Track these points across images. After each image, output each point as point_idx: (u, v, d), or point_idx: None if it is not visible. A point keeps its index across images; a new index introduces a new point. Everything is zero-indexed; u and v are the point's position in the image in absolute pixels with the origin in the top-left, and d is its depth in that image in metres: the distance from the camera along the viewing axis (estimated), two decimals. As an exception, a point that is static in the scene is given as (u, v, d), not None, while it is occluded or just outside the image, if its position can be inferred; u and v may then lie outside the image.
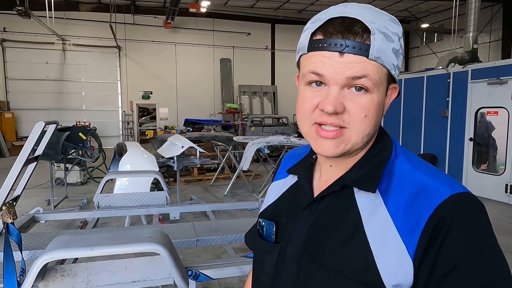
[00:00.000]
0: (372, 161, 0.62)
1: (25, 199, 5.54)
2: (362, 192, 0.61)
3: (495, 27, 14.79)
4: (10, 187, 1.84)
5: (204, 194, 6.61)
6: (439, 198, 0.54)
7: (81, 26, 14.84)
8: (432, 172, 0.59)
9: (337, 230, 0.61)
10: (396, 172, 0.60)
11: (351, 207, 0.61)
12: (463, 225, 0.53)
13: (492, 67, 6.08)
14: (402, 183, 0.58)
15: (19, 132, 14.12)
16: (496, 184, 6.04)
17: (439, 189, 0.55)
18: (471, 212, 0.54)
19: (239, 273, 1.78)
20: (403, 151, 0.65)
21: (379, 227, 0.57)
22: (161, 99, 16.23)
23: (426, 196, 0.55)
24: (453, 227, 0.53)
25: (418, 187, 0.57)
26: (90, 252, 1.29)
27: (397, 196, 0.58)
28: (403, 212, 0.56)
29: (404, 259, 0.54)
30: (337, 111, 0.56)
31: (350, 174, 0.63)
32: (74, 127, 6.74)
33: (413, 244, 0.54)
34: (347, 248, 0.59)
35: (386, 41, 0.56)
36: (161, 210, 2.80)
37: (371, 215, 0.58)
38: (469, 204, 0.55)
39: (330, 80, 0.56)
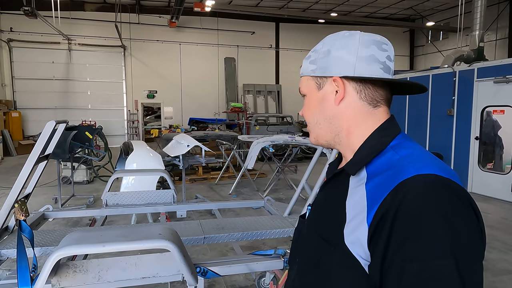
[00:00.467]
0: (367, 150, 0.73)
1: (33, 198, 5.59)
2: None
3: (502, 25, 14.66)
4: (22, 185, 1.88)
5: (209, 193, 6.65)
6: (402, 176, 0.61)
7: (87, 25, 14.93)
8: (417, 158, 0.66)
9: (331, 204, 0.76)
10: (385, 160, 0.69)
11: (344, 187, 0.73)
12: (415, 201, 0.58)
13: (499, 66, 6.04)
14: (385, 167, 0.67)
15: (26, 131, 14.26)
16: (502, 183, 6.01)
17: (406, 170, 0.63)
18: (428, 189, 0.59)
19: (246, 270, 1.81)
20: (401, 143, 0.72)
21: (356, 201, 0.68)
22: (165, 98, 16.29)
23: (394, 175, 0.63)
24: (404, 203, 0.58)
25: (394, 169, 0.65)
26: (102, 249, 1.32)
27: (377, 177, 0.67)
28: (375, 189, 0.65)
29: (362, 224, 0.64)
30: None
31: (350, 161, 0.75)
32: (81, 126, 6.79)
33: (371, 213, 0.62)
34: (332, 219, 0.72)
35: (305, 61, 0.81)
36: (168, 208, 2.83)
37: (354, 193, 0.70)
38: (430, 183, 0.60)
39: None
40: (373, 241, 0.61)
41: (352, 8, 15.97)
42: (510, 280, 3.24)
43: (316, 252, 0.73)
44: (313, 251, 0.74)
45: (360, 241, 0.63)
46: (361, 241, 0.63)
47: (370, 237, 0.62)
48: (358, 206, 0.66)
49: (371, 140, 0.73)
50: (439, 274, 0.54)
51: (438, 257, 0.55)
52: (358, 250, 0.64)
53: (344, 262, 0.65)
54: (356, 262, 0.64)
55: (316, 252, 0.73)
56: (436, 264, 0.54)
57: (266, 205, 2.89)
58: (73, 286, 1.47)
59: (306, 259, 0.77)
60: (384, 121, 0.75)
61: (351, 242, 0.64)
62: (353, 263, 0.64)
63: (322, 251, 0.71)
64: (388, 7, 15.92)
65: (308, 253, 0.77)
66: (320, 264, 0.71)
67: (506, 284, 3.18)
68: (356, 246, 0.64)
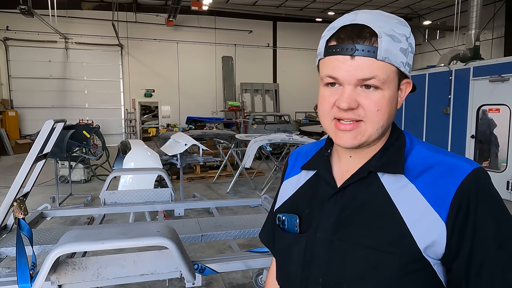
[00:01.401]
0: (390, 150, 0.70)
1: (30, 197, 5.57)
2: (387, 175, 0.68)
3: (498, 24, 14.74)
4: (20, 184, 1.89)
5: (207, 192, 6.67)
6: (463, 172, 0.63)
7: (84, 24, 14.88)
8: (450, 153, 0.69)
9: (369, 211, 0.67)
10: (416, 156, 0.69)
11: (378, 190, 0.67)
12: (488, 197, 0.63)
13: (494, 65, 6.08)
14: (425, 164, 0.67)
15: (23, 130, 14.21)
16: (497, 181, 6.06)
17: (462, 165, 0.64)
18: (489, 183, 0.65)
19: (243, 267, 1.83)
20: (418, 140, 0.74)
21: (410, 202, 0.65)
22: (163, 97, 16.28)
23: (451, 171, 0.64)
24: (480, 196, 0.62)
25: (442, 165, 0.66)
26: (101, 246, 1.34)
27: (423, 175, 0.66)
28: (431, 186, 0.64)
29: (437, 223, 0.62)
30: (351, 107, 0.64)
31: (373, 162, 0.70)
32: (78, 125, 6.80)
33: (445, 210, 0.62)
34: (383, 226, 0.65)
35: (393, 42, 0.63)
36: (166, 206, 2.85)
37: (400, 194, 0.66)
38: (486, 177, 0.65)
39: (344, 81, 0.64)
40: (453, 237, 0.61)
41: (349, 6, 16.00)
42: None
43: (363, 267, 0.65)
44: (359, 266, 0.66)
45: (436, 243, 0.62)
46: (438, 242, 0.62)
47: (449, 234, 0.62)
48: (418, 207, 0.64)
49: (389, 140, 0.72)
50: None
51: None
52: (430, 253, 0.62)
53: (414, 268, 0.63)
54: (427, 263, 0.63)
55: (363, 267, 0.65)
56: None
57: (263, 203, 2.92)
58: (72, 283, 1.49)
59: (345, 277, 0.67)
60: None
61: (426, 246, 0.62)
62: (423, 266, 0.63)
63: (378, 263, 0.64)
64: (385, 6, 15.96)
65: (346, 270, 0.67)
66: (377, 277, 0.64)
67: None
68: (431, 248, 0.62)
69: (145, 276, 1.58)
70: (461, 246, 0.61)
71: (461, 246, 0.61)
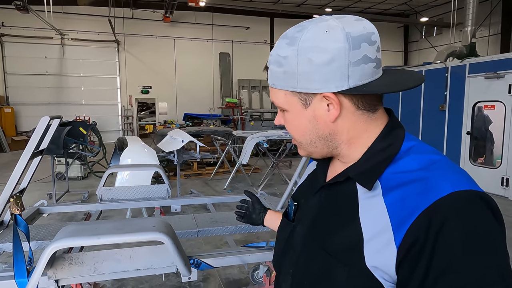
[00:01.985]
0: (378, 156, 0.64)
1: (27, 194, 5.57)
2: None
3: (494, 20, 14.78)
4: (17, 180, 1.90)
5: (204, 188, 6.68)
6: (437, 194, 0.54)
7: (80, 20, 14.79)
8: (442, 168, 0.59)
9: (337, 217, 0.66)
10: (401, 167, 0.62)
11: (352, 197, 0.65)
12: (458, 225, 0.52)
13: (490, 61, 6.12)
14: (405, 178, 0.59)
15: (19, 127, 14.15)
16: (492, 177, 6.12)
17: (440, 185, 0.55)
18: (470, 211, 0.53)
19: (239, 261, 1.85)
20: (416, 145, 0.65)
21: (373, 216, 0.60)
22: (160, 93, 16.24)
23: (424, 190, 0.56)
24: (446, 226, 0.52)
25: (420, 182, 0.57)
26: (97, 241, 1.35)
27: (397, 189, 0.59)
28: (399, 204, 0.58)
29: (390, 246, 0.56)
30: (279, 123, 0.72)
31: (355, 167, 0.66)
32: (75, 121, 6.77)
33: (401, 234, 0.55)
34: (342, 235, 0.63)
35: (276, 68, 0.65)
36: (163, 202, 2.86)
37: (368, 205, 0.62)
38: (470, 203, 0.53)
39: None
40: (404, 267, 0.55)
41: (346, 3, 15.99)
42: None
43: (322, 270, 0.65)
44: (318, 268, 0.66)
45: (386, 265, 0.57)
46: (387, 264, 0.57)
47: (399, 261, 0.55)
48: (379, 223, 0.59)
49: (379, 144, 0.65)
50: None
51: (490, 284, 0.50)
52: (381, 273, 0.58)
53: (364, 283, 0.59)
54: (378, 282, 0.58)
55: (322, 270, 0.65)
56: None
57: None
58: (69, 278, 1.51)
59: (306, 274, 0.69)
60: (386, 119, 0.68)
61: (373, 265, 0.58)
62: (374, 284, 0.58)
63: (331, 269, 0.63)
64: (383, 3, 15.96)
65: (309, 268, 0.68)
66: (330, 282, 0.63)
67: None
68: (380, 270, 0.58)
69: (141, 271, 1.59)
70: (411, 279, 0.54)
71: (411, 279, 0.54)
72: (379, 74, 0.63)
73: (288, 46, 0.63)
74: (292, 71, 0.62)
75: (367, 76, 0.61)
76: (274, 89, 0.67)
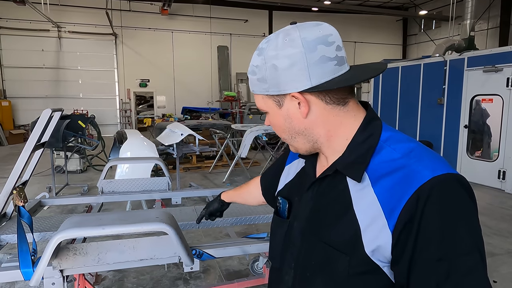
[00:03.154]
0: (360, 148, 0.70)
1: (27, 187, 5.61)
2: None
3: (493, 14, 14.75)
4: (19, 172, 1.91)
5: (203, 181, 6.71)
6: (420, 180, 0.61)
7: (77, 13, 14.66)
8: (419, 155, 0.66)
9: (332, 209, 0.71)
10: (383, 157, 0.68)
11: (343, 189, 0.70)
12: (437, 205, 0.59)
13: (488, 55, 6.13)
14: (390, 168, 0.66)
15: (17, 120, 14.10)
16: (489, 170, 6.17)
17: (421, 172, 0.62)
18: (446, 191, 0.61)
19: (240, 252, 1.88)
20: (393, 135, 0.71)
21: (366, 206, 0.66)
22: (158, 87, 16.18)
23: (408, 178, 0.62)
24: (428, 207, 0.59)
25: (403, 170, 0.64)
26: (102, 231, 1.37)
27: (384, 179, 0.65)
28: (388, 193, 0.64)
29: (384, 230, 0.63)
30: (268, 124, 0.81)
31: (341, 159, 0.72)
32: (73, 115, 6.76)
33: (393, 219, 0.62)
34: (340, 225, 0.69)
35: (252, 77, 0.74)
36: (163, 195, 2.88)
37: (360, 196, 0.67)
38: (446, 185, 0.61)
39: None
40: (398, 246, 0.62)
41: (345, -4, 15.90)
42: (494, 262, 3.39)
43: (324, 261, 0.70)
44: (319, 259, 0.71)
45: (382, 248, 0.63)
46: (383, 247, 0.63)
47: (394, 243, 0.62)
48: (372, 211, 0.65)
49: (360, 136, 0.71)
50: (468, 267, 0.58)
51: (466, 253, 0.58)
52: (378, 256, 0.64)
53: (363, 269, 0.65)
54: (376, 266, 0.65)
55: (324, 261, 0.70)
56: (464, 259, 0.58)
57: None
58: (73, 267, 1.53)
59: (307, 266, 0.74)
60: (361, 112, 0.73)
61: (372, 250, 0.64)
62: (372, 268, 0.65)
63: (333, 259, 0.69)
64: (382, -5, 15.88)
65: (310, 260, 0.74)
66: (332, 272, 0.69)
67: (489, 265, 3.30)
68: (377, 253, 0.64)
69: (144, 261, 1.62)
70: (403, 255, 0.61)
71: (403, 254, 0.61)
72: (344, 70, 0.69)
73: (258, 56, 0.72)
74: (263, 77, 0.71)
75: (328, 74, 0.67)
76: (255, 95, 0.76)
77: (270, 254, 0.90)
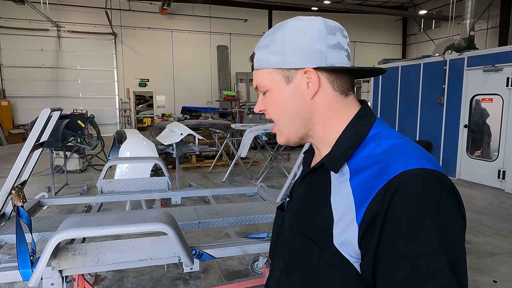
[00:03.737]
0: (346, 143, 0.70)
1: (26, 187, 5.59)
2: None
3: (493, 13, 14.75)
4: (18, 172, 1.90)
5: (203, 181, 6.70)
6: (390, 174, 0.59)
7: (76, 12, 14.64)
8: (400, 150, 0.64)
9: (314, 201, 0.73)
10: (367, 152, 0.67)
11: (326, 183, 0.70)
12: (405, 199, 0.57)
13: (488, 54, 6.12)
14: (369, 162, 0.65)
15: (16, 120, 14.08)
16: (489, 170, 6.17)
17: (394, 166, 0.60)
18: (417, 186, 0.58)
19: (240, 252, 1.87)
20: (381, 132, 0.69)
21: (342, 199, 0.65)
22: (158, 86, 16.16)
23: (381, 172, 0.61)
24: (394, 200, 0.57)
25: (378, 164, 0.63)
26: (101, 231, 1.36)
27: (361, 174, 0.64)
28: (362, 187, 0.63)
29: (352, 224, 0.62)
30: (260, 110, 0.79)
31: (328, 155, 0.72)
32: (73, 114, 6.75)
33: (361, 212, 0.61)
34: (317, 218, 0.69)
35: (262, 51, 0.74)
36: (163, 195, 2.87)
37: (338, 189, 0.67)
38: (418, 179, 0.58)
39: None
40: (364, 241, 0.61)
41: (345, -5, 15.89)
42: (493, 262, 3.38)
43: (301, 251, 0.71)
44: (298, 250, 0.72)
45: (350, 242, 0.62)
46: (351, 241, 0.62)
47: (360, 237, 0.61)
48: (345, 204, 0.64)
49: (348, 131, 0.71)
50: (433, 269, 0.55)
51: (431, 253, 0.55)
52: (348, 250, 0.63)
53: (334, 262, 0.65)
54: (346, 260, 0.63)
55: (301, 251, 0.71)
56: (429, 259, 0.55)
57: (259, 191, 2.95)
58: (72, 268, 1.52)
59: (290, 257, 0.75)
60: (358, 108, 0.73)
61: (340, 243, 0.63)
62: (342, 262, 0.64)
63: (308, 250, 0.69)
64: (381, -5, 15.88)
65: (292, 251, 0.74)
66: (307, 263, 0.69)
67: (489, 265, 3.32)
68: (346, 246, 0.63)
69: (144, 262, 1.61)
70: (367, 251, 0.60)
71: (367, 251, 0.60)
72: (350, 65, 0.73)
73: (276, 30, 0.72)
74: (278, 50, 0.71)
75: (341, 61, 0.70)
76: (259, 71, 0.75)
77: (269, 249, 0.91)
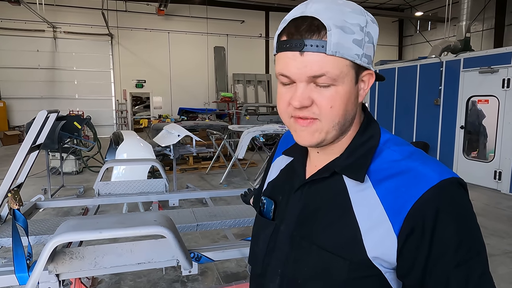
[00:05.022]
0: (360, 149, 0.66)
1: (22, 189, 5.55)
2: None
3: (488, 15, 14.85)
4: (14, 174, 1.88)
5: (200, 183, 6.68)
6: (427, 184, 0.58)
7: (72, 13, 14.57)
8: (422, 158, 0.63)
9: (329, 212, 0.66)
10: (385, 158, 0.64)
11: (341, 191, 0.65)
12: (453, 212, 0.58)
13: (484, 56, 6.16)
14: (392, 170, 0.62)
15: (11, 121, 13.97)
16: (485, 171, 6.20)
17: (428, 175, 0.59)
18: (457, 197, 0.59)
19: (239, 255, 1.86)
20: (391, 138, 0.68)
21: (368, 208, 0.62)
22: (154, 88, 16.12)
23: (415, 180, 0.59)
24: (441, 213, 0.57)
25: (408, 173, 0.61)
26: (99, 235, 1.35)
27: (387, 180, 0.62)
28: (392, 194, 0.60)
29: (389, 235, 0.59)
30: (304, 105, 0.61)
31: (340, 161, 0.67)
32: (69, 116, 6.70)
33: (399, 223, 0.59)
34: (337, 228, 0.64)
35: (344, 34, 0.58)
36: (161, 197, 2.86)
37: (360, 198, 0.63)
38: (454, 188, 0.59)
39: (296, 79, 0.60)
40: (405, 252, 0.59)
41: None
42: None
43: (319, 266, 0.66)
44: (312, 264, 0.67)
45: (386, 253, 0.60)
46: (387, 252, 0.60)
47: (400, 248, 0.59)
48: (374, 214, 0.61)
49: (360, 138, 0.67)
50: (483, 268, 0.58)
51: (479, 253, 0.58)
52: (381, 261, 0.61)
53: (364, 274, 0.62)
54: (378, 272, 0.62)
55: (319, 266, 0.66)
56: (478, 260, 0.58)
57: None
58: (70, 272, 1.51)
59: (300, 272, 0.69)
60: (363, 114, 0.70)
61: (374, 256, 0.61)
62: (374, 273, 0.62)
63: (329, 264, 0.64)
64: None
65: (303, 266, 0.68)
66: (329, 278, 0.65)
67: (486, 266, 3.32)
68: (380, 257, 0.61)
69: (142, 265, 1.60)
70: (414, 264, 0.58)
71: (414, 263, 0.58)
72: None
73: (358, 14, 0.60)
74: (363, 41, 0.60)
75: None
76: (336, 59, 0.58)
77: (251, 259, 0.82)
